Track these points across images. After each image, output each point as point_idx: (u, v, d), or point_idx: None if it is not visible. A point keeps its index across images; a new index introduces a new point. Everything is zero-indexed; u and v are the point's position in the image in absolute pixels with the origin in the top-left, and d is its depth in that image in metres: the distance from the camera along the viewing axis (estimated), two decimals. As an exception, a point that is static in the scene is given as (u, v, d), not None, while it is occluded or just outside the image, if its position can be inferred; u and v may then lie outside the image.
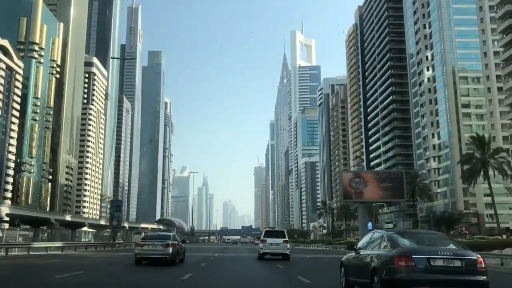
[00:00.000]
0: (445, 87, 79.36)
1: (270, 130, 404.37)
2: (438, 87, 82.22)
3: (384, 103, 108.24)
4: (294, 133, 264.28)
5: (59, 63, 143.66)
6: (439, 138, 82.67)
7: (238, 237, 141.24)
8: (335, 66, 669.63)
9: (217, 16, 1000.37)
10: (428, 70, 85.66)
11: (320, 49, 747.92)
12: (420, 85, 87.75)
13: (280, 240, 23.60)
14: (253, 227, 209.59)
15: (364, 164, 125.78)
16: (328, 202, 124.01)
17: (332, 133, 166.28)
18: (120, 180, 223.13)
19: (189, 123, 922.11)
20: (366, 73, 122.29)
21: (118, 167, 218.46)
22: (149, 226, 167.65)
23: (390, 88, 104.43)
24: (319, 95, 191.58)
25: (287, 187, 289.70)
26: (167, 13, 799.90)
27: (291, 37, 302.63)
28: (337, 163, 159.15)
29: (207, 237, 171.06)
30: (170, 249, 17.22)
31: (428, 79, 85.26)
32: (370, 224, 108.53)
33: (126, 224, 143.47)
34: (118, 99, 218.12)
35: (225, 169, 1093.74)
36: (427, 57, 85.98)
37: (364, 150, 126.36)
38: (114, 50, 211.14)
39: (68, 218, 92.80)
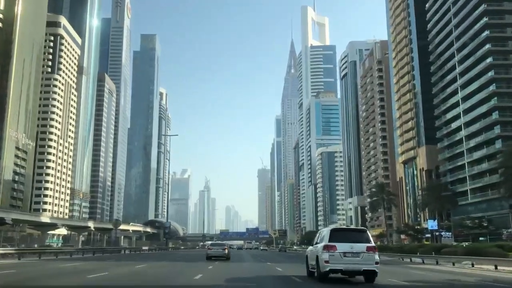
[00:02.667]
0: None
1: (276, 126, 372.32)
2: None
3: (464, 37, 71.39)
4: (306, 122, 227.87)
5: (2, 8, 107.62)
6: None
7: (242, 242, 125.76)
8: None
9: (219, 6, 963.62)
10: None
11: (334, 30, 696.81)
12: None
13: (361, 247, 12.39)
14: (260, 229, 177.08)
15: (422, 138, 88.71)
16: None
17: (363, 108, 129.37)
18: (101, 174, 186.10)
19: (190, 126, 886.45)
20: (427, 5, 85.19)
21: (98, 158, 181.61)
22: (130, 228, 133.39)
23: (483, 5, 67.43)
24: (343, 64, 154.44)
25: (297, 185, 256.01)
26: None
27: (301, 14, 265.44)
28: (371, 144, 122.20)
29: (201, 242, 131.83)
30: (226, 251, 32.62)
31: None
32: (432, 223, 70.81)
33: (90, 224, 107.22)
34: (98, 77, 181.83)
35: (227, 173, 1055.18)
36: None
37: (420, 118, 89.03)
38: (93, 14, 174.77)
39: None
